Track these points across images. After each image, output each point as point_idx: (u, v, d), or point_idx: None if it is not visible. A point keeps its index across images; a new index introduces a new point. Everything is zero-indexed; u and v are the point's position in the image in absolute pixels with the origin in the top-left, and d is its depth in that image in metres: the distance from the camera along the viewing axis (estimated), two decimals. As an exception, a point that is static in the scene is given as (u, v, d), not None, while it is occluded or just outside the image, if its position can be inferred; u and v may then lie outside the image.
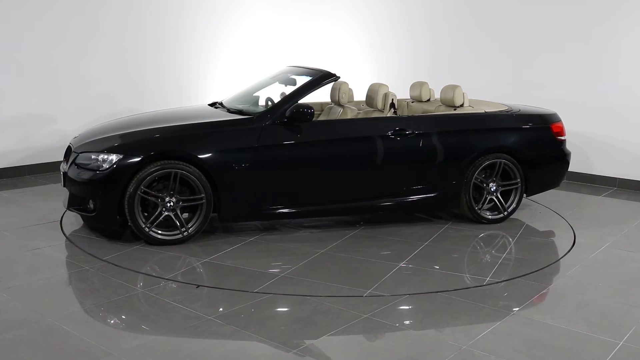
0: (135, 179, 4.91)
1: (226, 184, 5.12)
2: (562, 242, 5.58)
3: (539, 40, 8.01)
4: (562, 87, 7.87)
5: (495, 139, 5.88)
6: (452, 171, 5.77)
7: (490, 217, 5.94)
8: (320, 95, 6.77)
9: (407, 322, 3.85)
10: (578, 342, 3.64)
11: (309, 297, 4.16)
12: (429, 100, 6.65)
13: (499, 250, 5.31)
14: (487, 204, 5.93)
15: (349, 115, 6.04)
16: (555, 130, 6.20)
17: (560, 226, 6.01)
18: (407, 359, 3.41)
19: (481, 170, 5.83)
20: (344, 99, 6.27)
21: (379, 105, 5.99)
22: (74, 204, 5.21)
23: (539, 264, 4.94)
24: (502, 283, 4.56)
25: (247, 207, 5.29)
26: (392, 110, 5.96)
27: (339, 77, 5.74)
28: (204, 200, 5.07)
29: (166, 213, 5.02)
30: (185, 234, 5.09)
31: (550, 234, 5.82)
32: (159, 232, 5.05)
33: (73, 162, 5.21)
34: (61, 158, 5.75)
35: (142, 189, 4.93)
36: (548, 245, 5.53)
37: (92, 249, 4.97)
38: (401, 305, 4.08)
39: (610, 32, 7.51)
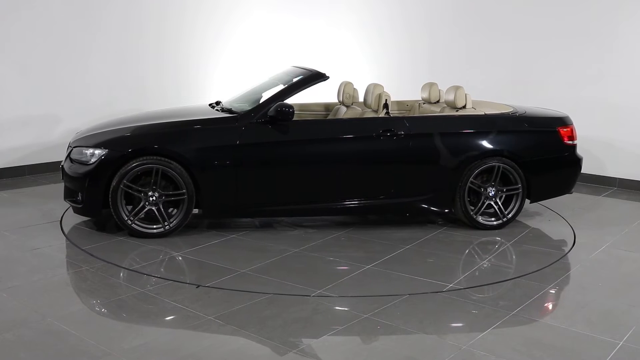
0: (119, 173, 5.10)
1: (207, 181, 5.24)
2: (562, 242, 5.58)
3: (539, 40, 8.01)
4: (562, 87, 7.87)
5: (492, 142, 5.65)
6: (444, 174, 5.61)
7: (486, 222, 5.72)
8: (331, 96, 6.79)
9: (407, 322, 3.84)
10: (578, 342, 3.64)
11: (309, 297, 4.16)
12: (438, 101, 6.52)
13: (482, 255, 5.16)
14: (487, 209, 5.74)
15: (350, 115, 6.04)
16: (563, 134, 5.88)
17: (560, 226, 6.01)
18: (407, 359, 3.41)
19: (479, 174, 5.64)
20: (347, 100, 6.29)
21: (373, 106, 5.99)
22: (68, 196, 5.43)
23: (538, 264, 4.94)
24: (503, 283, 4.56)
25: (229, 203, 5.38)
26: (385, 110, 5.92)
27: (328, 78, 5.70)
28: (185, 196, 5.19)
29: (148, 207, 5.18)
30: (167, 227, 5.23)
31: (550, 234, 5.82)
32: (142, 225, 5.22)
33: (68, 156, 5.43)
34: (61, 158, 5.86)
35: (124, 183, 5.10)
36: (548, 245, 5.52)
37: (92, 249, 4.97)
38: (401, 305, 4.08)
39: (611, 32, 7.50)
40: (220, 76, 9.54)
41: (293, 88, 5.58)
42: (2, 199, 6.59)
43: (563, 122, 5.98)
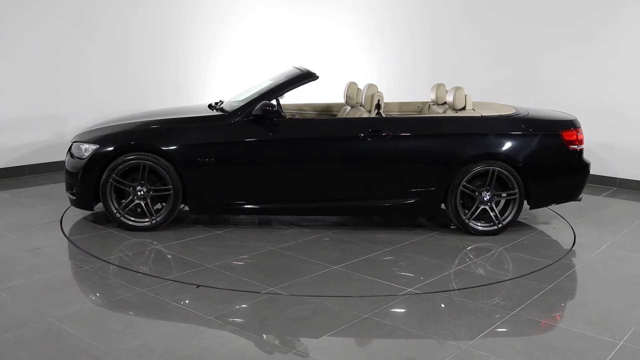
0: (108, 168, 5.30)
1: (192, 177, 5.37)
2: (562, 242, 5.58)
3: (540, 41, 8.02)
4: (562, 87, 7.88)
5: (487, 145, 5.48)
6: (433, 177, 5.47)
7: (480, 227, 5.56)
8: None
9: (407, 322, 3.85)
10: (578, 342, 3.64)
11: (309, 297, 4.16)
12: (444, 102, 6.42)
13: (462, 259, 5.03)
14: (484, 214, 5.55)
15: (351, 115, 6.05)
16: (566, 138, 5.61)
17: (560, 226, 6.01)
18: (407, 359, 3.41)
19: (473, 177, 5.47)
20: (351, 100, 6.31)
21: (366, 106, 5.99)
22: (68, 189, 5.63)
23: (539, 264, 4.94)
24: (503, 283, 4.57)
25: (213, 200, 5.47)
26: (377, 110, 5.89)
27: (317, 78, 5.71)
28: (171, 191, 5.32)
29: (137, 201, 5.36)
30: (154, 221, 5.39)
31: (550, 234, 5.81)
32: (130, 218, 5.40)
33: (69, 150, 5.67)
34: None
35: (114, 177, 5.30)
36: (548, 245, 5.52)
37: (91, 249, 4.97)
38: (401, 305, 4.08)
39: (612, 34, 7.51)
40: (220, 75, 9.53)
41: (281, 87, 5.64)
42: (2, 199, 6.59)
43: (567, 125, 5.73)
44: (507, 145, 5.52)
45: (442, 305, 4.14)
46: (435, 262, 4.93)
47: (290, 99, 6.69)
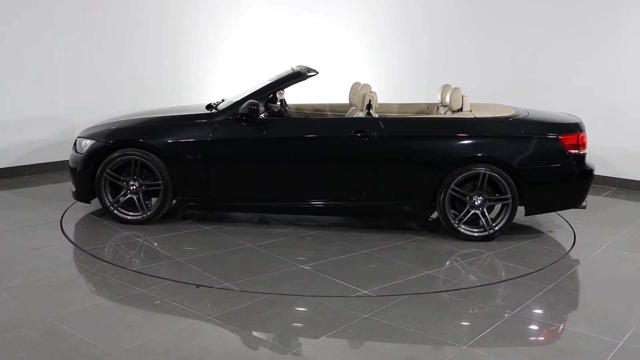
0: (103, 162, 5.51)
1: (180, 173, 5.50)
2: (562, 242, 5.58)
3: (540, 41, 8.02)
4: (562, 87, 7.88)
5: (477, 147, 5.31)
6: (421, 179, 5.35)
7: (469, 232, 5.38)
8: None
9: (407, 322, 3.85)
10: (578, 342, 3.64)
11: (308, 297, 4.16)
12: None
13: (434, 265, 4.84)
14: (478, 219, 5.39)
15: (354, 115, 6.07)
16: (566, 141, 5.37)
17: (560, 226, 6.01)
18: (407, 359, 3.41)
19: (464, 181, 5.30)
20: (354, 100, 6.32)
21: (359, 106, 6.00)
22: (72, 182, 5.82)
23: (538, 264, 4.94)
24: (503, 283, 4.56)
25: (200, 196, 5.58)
26: (367, 110, 5.88)
27: (306, 77, 5.74)
28: (161, 187, 5.49)
29: (129, 195, 5.55)
30: (144, 215, 5.55)
31: (550, 233, 5.81)
32: (122, 211, 5.59)
33: (73, 145, 5.87)
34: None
35: (107, 171, 5.50)
36: (548, 245, 5.52)
37: (91, 249, 4.98)
38: (401, 305, 4.08)
39: (611, 33, 7.51)
40: (221, 75, 9.53)
41: (269, 87, 5.70)
42: (2, 199, 6.59)
43: (568, 128, 5.47)
44: (500, 147, 5.34)
45: (443, 305, 4.14)
46: (406, 266, 4.82)
47: (301, 99, 6.77)
